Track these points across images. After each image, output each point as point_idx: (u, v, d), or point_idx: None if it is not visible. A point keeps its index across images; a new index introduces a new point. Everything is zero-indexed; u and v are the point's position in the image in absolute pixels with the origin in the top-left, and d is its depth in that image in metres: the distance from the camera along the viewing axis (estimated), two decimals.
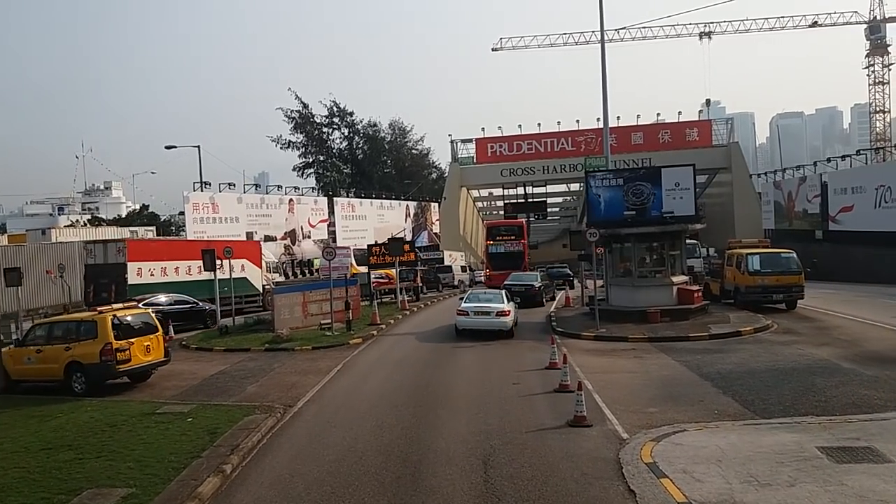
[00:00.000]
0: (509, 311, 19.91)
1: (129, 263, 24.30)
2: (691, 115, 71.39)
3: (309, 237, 44.39)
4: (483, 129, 72.25)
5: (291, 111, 71.44)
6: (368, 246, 31.50)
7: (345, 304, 21.44)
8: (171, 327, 21.23)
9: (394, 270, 29.38)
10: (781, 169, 57.67)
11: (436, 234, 65.84)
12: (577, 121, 69.50)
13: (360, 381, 14.48)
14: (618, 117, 69.63)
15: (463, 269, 51.33)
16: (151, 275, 25.22)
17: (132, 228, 57.39)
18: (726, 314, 21.54)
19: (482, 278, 52.19)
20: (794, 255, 23.18)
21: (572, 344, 18.28)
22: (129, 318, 15.17)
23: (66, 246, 28.98)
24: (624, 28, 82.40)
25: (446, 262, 52.62)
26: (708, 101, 79.22)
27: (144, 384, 15.60)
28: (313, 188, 46.82)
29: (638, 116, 69.18)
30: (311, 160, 73.83)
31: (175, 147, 39.62)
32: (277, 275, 37.86)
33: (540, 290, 28.64)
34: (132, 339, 14.90)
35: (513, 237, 41.95)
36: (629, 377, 14.06)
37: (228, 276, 23.95)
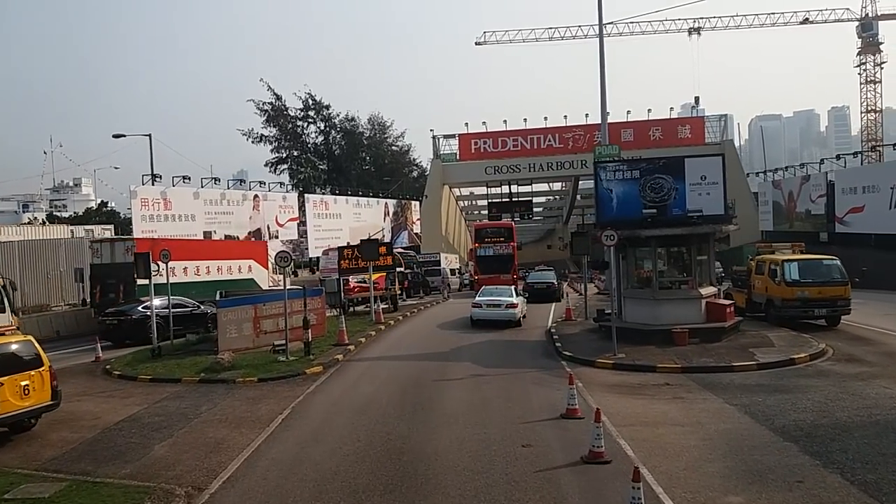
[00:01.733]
0: (517, 304, 22.62)
1: None
2: (677, 114, 68.15)
3: (276, 237, 40.11)
4: (466, 124, 68.44)
5: (263, 103, 67.15)
6: (339, 248, 27.40)
7: (303, 320, 17.26)
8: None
9: (378, 275, 25.63)
10: (783, 167, 54.54)
11: (416, 234, 61.78)
12: (565, 116, 65.88)
13: (310, 440, 10.41)
14: (607, 113, 66.31)
15: (452, 272, 47.51)
16: (161, 275, 22.36)
17: (87, 227, 52.59)
18: (763, 334, 17.83)
19: (466, 281, 48.53)
20: (838, 262, 19.56)
21: (586, 374, 14.41)
22: None
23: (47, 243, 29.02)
24: (611, 23, 78.78)
25: (442, 265, 48.96)
26: (697, 99, 75.96)
27: (23, 436, 11.44)
28: (282, 184, 42.60)
29: (628, 112, 65.78)
30: (284, 155, 69.51)
31: (124, 136, 35.11)
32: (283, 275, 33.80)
33: (558, 287, 33.29)
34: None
35: (501, 239, 38.29)
36: (680, 435, 10.18)
37: (232, 277, 22.80)
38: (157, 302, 21.04)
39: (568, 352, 16.61)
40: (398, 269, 43.40)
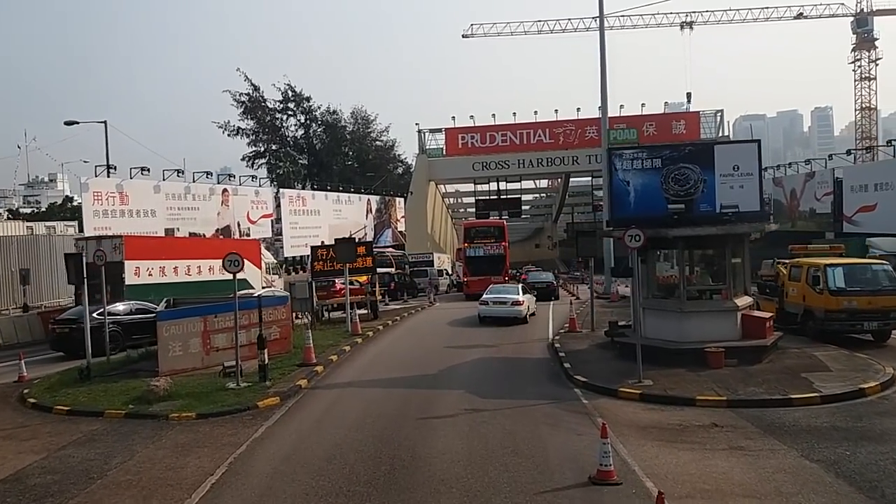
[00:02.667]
0: (523, 301, 22.98)
1: (126, 262, 21.97)
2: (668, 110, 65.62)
3: (248, 235, 36.78)
4: (453, 118, 65.37)
5: (240, 94, 63.49)
6: (312, 248, 24.25)
7: (258, 338, 14.10)
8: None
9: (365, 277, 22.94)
10: (786, 164, 52.10)
11: (401, 232, 58.65)
12: (556, 111, 63.14)
13: None
14: (598, 107, 63.66)
15: (440, 272, 44.71)
16: (150, 274, 22.92)
17: (49, 223, 48.89)
18: (809, 352, 14.99)
19: (455, 282, 45.63)
20: (889, 266, 16.78)
21: (609, 408, 11.47)
22: None
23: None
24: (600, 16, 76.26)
25: (436, 265, 46.35)
26: (689, 96, 73.46)
27: None
28: (254, 177, 38.97)
29: (621, 107, 63.00)
30: (262, 149, 65.90)
31: (76, 123, 31.67)
32: (277, 276, 31.26)
33: (556, 286, 34.26)
34: None
35: (493, 239, 35.38)
36: None
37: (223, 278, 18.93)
38: (121, 307, 19.69)
39: (581, 376, 13.63)
40: (388, 271, 40.72)
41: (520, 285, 25.88)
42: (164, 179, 32.30)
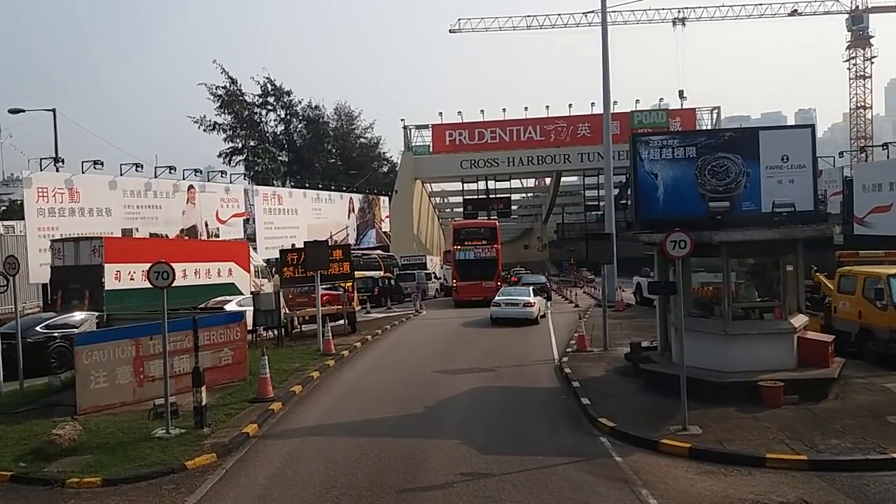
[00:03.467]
0: (534, 303, 23.32)
1: (106, 265, 20.54)
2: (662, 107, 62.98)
3: (217, 236, 33.55)
4: (441, 113, 62.42)
5: (217, 87, 60.14)
6: (281, 252, 21.16)
7: (193, 373, 10.98)
8: None
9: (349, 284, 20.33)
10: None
11: (385, 233, 55.56)
12: (547, 107, 60.33)
13: None
14: (591, 104, 60.95)
15: (429, 276, 42.02)
16: (132, 279, 21.10)
17: (8, 223, 45.19)
18: (880, 384, 12.16)
19: (437, 290, 42.71)
20: None
21: (653, 472, 8.57)
22: None
23: None
24: (591, 12, 73.76)
25: (428, 268, 43.81)
26: (681, 93, 70.83)
27: None
28: (223, 173, 35.51)
29: (615, 103, 60.37)
30: (240, 145, 62.56)
31: (22, 111, 28.31)
32: (267, 280, 28.78)
33: (549, 288, 33.96)
34: None
35: (484, 241, 32.48)
36: None
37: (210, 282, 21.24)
38: (78, 317, 17.39)
39: (606, 418, 10.70)
40: (372, 275, 37.75)
41: (531, 287, 26.38)
42: (121, 174, 28.98)
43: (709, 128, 59.45)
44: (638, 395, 12.23)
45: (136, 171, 29.29)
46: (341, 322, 21.71)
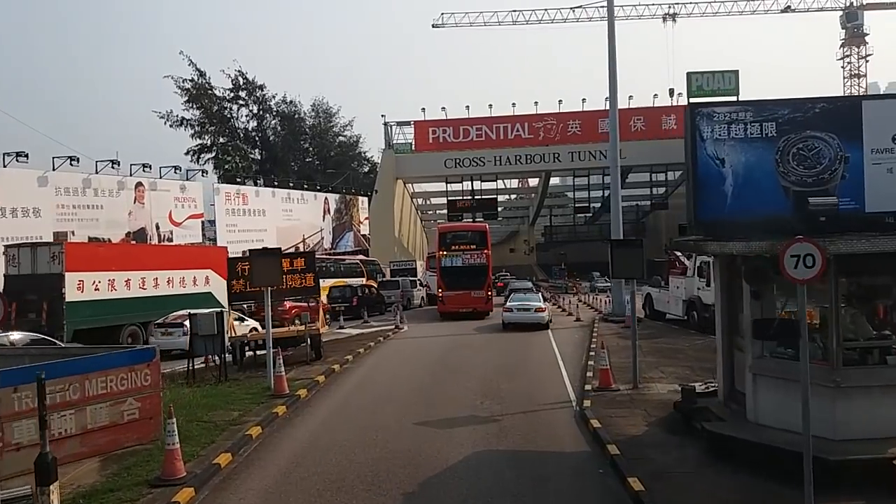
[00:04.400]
0: (545, 308, 24.92)
1: (67, 274, 18.88)
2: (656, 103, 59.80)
3: (170, 240, 29.46)
4: (423, 109, 58.66)
5: (183, 80, 55.85)
6: (230, 262, 17.24)
7: (38, 462, 6.98)
8: None
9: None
10: None
11: (364, 236, 51.63)
12: (536, 103, 56.86)
13: None
14: (583, 100, 57.79)
15: (413, 283, 38.60)
16: (97, 289, 19.71)
17: None
18: None
19: (422, 298, 39.16)
20: None
21: None
22: None
23: None
24: (580, 6, 70.59)
25: (419, 274, 40.42)
26: (671, 91, 67.78)
27: None
28: (177, 168, 31.12)
29: (606, 99, 57.09)
30: (208, 142, 58.30)
31: None
32: None
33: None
34: None
35: (473, 246, 28.84)
36: None
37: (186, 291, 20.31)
38: (14, 336, 14.90)
39: None
40: (350, 283, 34.14)
41: (540, 294, 27.84)
42: (53, 169, 24.79)
43: None
44: (706, 471, 8.54)
45: (72, 164, 25.11)
46: (294, 350, 17.80)
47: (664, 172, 59.81)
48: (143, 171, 28.57)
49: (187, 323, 19.45)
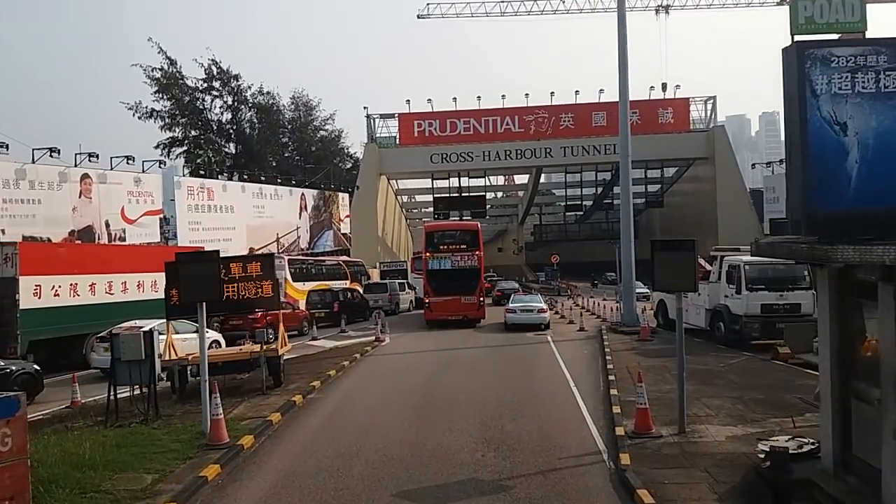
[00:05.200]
0: (546, 309, 25.22)
1: (21, 278, 16.68)
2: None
3: (123, 239, 26.02)
4: (408, 101, 55.44)
5: (153, 69, 52.07)
6: (167, 266, 13.88)
7: None
8: None
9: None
10: (775, 162, 44.14)
11: (345, 234, 48.31)
12: (527, 95, 53.87)
13: None
14: (576, 92, 54.89)
15: (402, 286, 35.73)
16: (57, 295, 17.64)
17: None
18: None
19: (410, 302, 36.10)
20: None
21: None
22: None
23: None
24: None
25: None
26: (664, 86, 65.12)
27: None
28: (129, 159, 27.44)
29: (601, 92, 54.35)
30: (180, 135, 54.57)
31: None
32: None
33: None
34: None
35: (463, 247, 25.77)
36: None
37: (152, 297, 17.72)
38: None
39: None
40: (330, 286, 31.17)
41: (539, 295, 28.66)
42: None
43: (702, 124, 54.02)
44: None
45: (1, 151, 21.63)
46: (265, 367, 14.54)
47: (659, 169, 57.14)
48: (90, 160, 25.05)
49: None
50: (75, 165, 24.86)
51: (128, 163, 26.41)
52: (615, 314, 24.76)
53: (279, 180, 44.68)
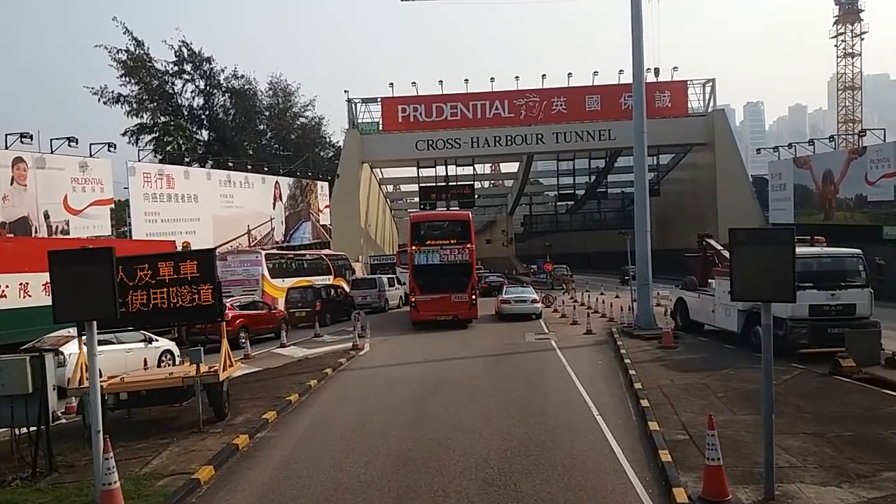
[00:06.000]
0: (538, 300, 26.00)
1: None
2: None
3: (66, 232, 22.66)
4: (392, 84, 52.16)
5: (118, 50, 48.24)
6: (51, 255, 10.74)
7: None
8: None
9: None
10: (809, 141, 41.55)
11: (324, 226, 45.04)
12: (517, 77, 50.80)
13: None
14: (569, 74, 51.85)
15: (392, 280, 32.94)
16: (3, 296, 15.88)
17: None
18: None
19: (400, 298, 33.15)
20: None
21: None
22: None
23: None
24: None
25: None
26: (657, 71, 62.47)
27: None
28: (71, 140, 23.81)
29: (595, 74, 51.42)
30: (149, 121, 50.81)
31: None
32: None
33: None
34: None
35: (453, 240, 22.79)
36: None
37: None
38: None
39: None
40: (310, 283, 28.52)
41: (530, 287, 30.61)
42: None
43: (701, 105, 51.27)
44: None
45: None
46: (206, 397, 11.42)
47: (655, 156, 54.32)
48: (22, 142, 21.55)
49: (66, 349, 13.30)
50: (6, 147, 21.43)
51: (70, 145, 22.89)
52: (623, 313, 21.90)
53: (249, 166, 41.15)
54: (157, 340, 16.60)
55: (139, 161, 27.02)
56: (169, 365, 16.43)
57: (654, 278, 35.47)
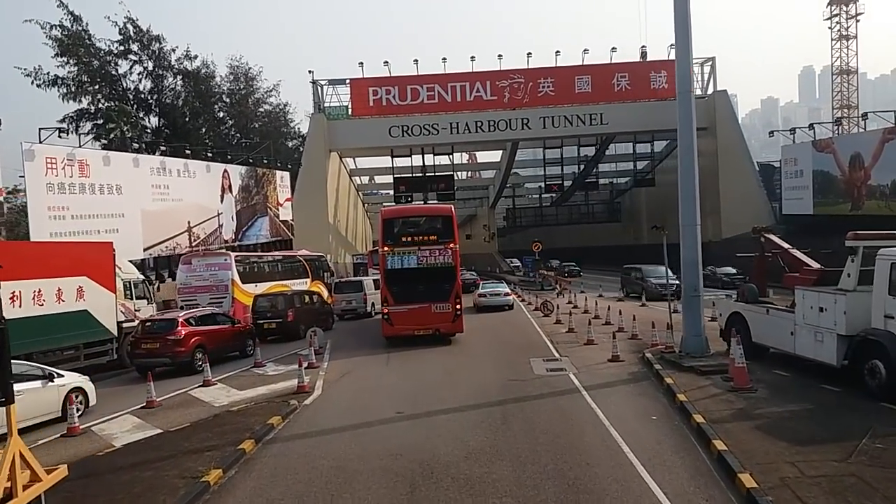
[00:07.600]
0: (510, 293, 29.55)
1: None
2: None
3: None
4: (361, 64, 46.63)
5: (52, 26, 42.13)
6: None
7: None
8: None
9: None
10: (834, 121, 37.16)
11: (284, 222, 39.39)
12: (500, 56, 45.65)
13: None
14: (557, 52, 46.83)
15: (377, 283, 27.97)
16: None
17: None
18: None
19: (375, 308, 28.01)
20: None
21: None
22: None
23: None
24: None
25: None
26: (644, 53, 57.56)
27: None
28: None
29: (585, 52, 46.52)
30: (90, 106, 44.80)
31: None
32: (146, 301, 20.21)
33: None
34: None
35: (434, 238, 17.64)
36: None
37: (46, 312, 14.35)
38: None
39: None
40: (285, 289, 23.29)
41: (503, 282, 33.37)
42: None
43: (700, 87, 46.75)
44: None
45: None
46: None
47: (650, 142, 49.81)
48: None
49: None
50: None
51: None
52: (656, 331, 16.98)
53: (209, 155, 35.43)
54: (60, 377, 12.08)
55: (41, 143, 21.27)
56: (81, 408, 11.93)
57: (649, 275, 30.99)
